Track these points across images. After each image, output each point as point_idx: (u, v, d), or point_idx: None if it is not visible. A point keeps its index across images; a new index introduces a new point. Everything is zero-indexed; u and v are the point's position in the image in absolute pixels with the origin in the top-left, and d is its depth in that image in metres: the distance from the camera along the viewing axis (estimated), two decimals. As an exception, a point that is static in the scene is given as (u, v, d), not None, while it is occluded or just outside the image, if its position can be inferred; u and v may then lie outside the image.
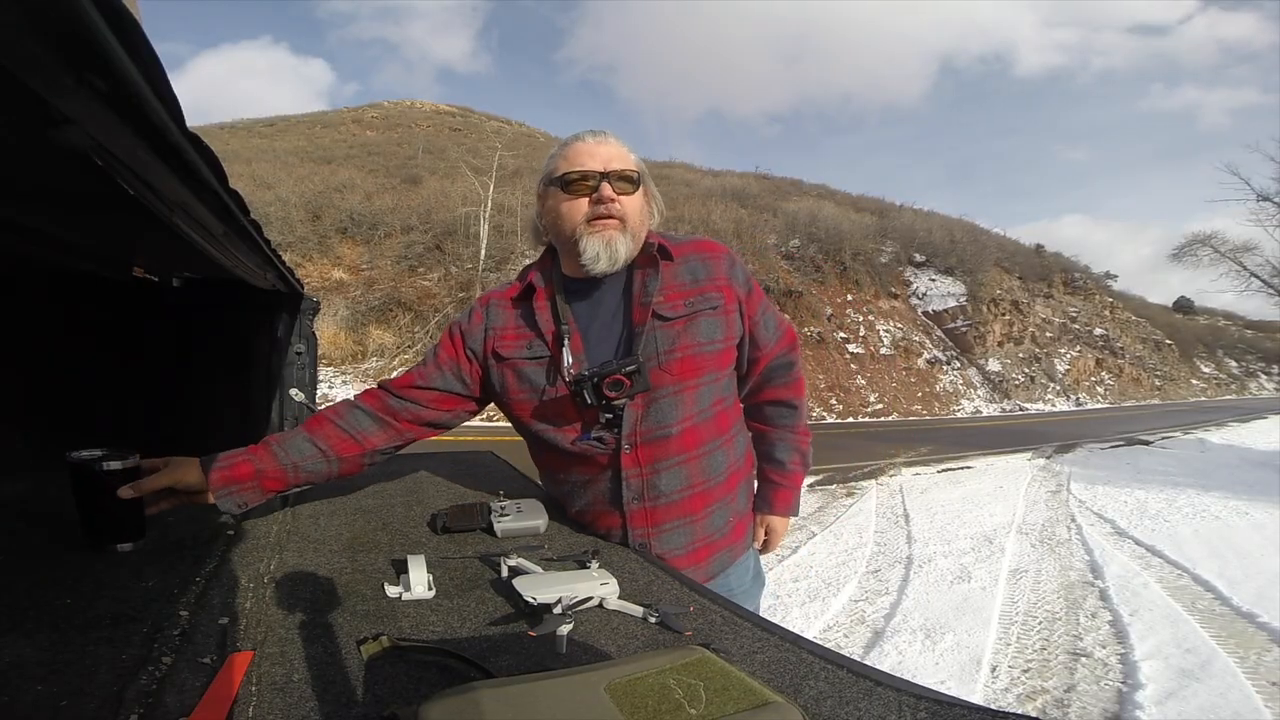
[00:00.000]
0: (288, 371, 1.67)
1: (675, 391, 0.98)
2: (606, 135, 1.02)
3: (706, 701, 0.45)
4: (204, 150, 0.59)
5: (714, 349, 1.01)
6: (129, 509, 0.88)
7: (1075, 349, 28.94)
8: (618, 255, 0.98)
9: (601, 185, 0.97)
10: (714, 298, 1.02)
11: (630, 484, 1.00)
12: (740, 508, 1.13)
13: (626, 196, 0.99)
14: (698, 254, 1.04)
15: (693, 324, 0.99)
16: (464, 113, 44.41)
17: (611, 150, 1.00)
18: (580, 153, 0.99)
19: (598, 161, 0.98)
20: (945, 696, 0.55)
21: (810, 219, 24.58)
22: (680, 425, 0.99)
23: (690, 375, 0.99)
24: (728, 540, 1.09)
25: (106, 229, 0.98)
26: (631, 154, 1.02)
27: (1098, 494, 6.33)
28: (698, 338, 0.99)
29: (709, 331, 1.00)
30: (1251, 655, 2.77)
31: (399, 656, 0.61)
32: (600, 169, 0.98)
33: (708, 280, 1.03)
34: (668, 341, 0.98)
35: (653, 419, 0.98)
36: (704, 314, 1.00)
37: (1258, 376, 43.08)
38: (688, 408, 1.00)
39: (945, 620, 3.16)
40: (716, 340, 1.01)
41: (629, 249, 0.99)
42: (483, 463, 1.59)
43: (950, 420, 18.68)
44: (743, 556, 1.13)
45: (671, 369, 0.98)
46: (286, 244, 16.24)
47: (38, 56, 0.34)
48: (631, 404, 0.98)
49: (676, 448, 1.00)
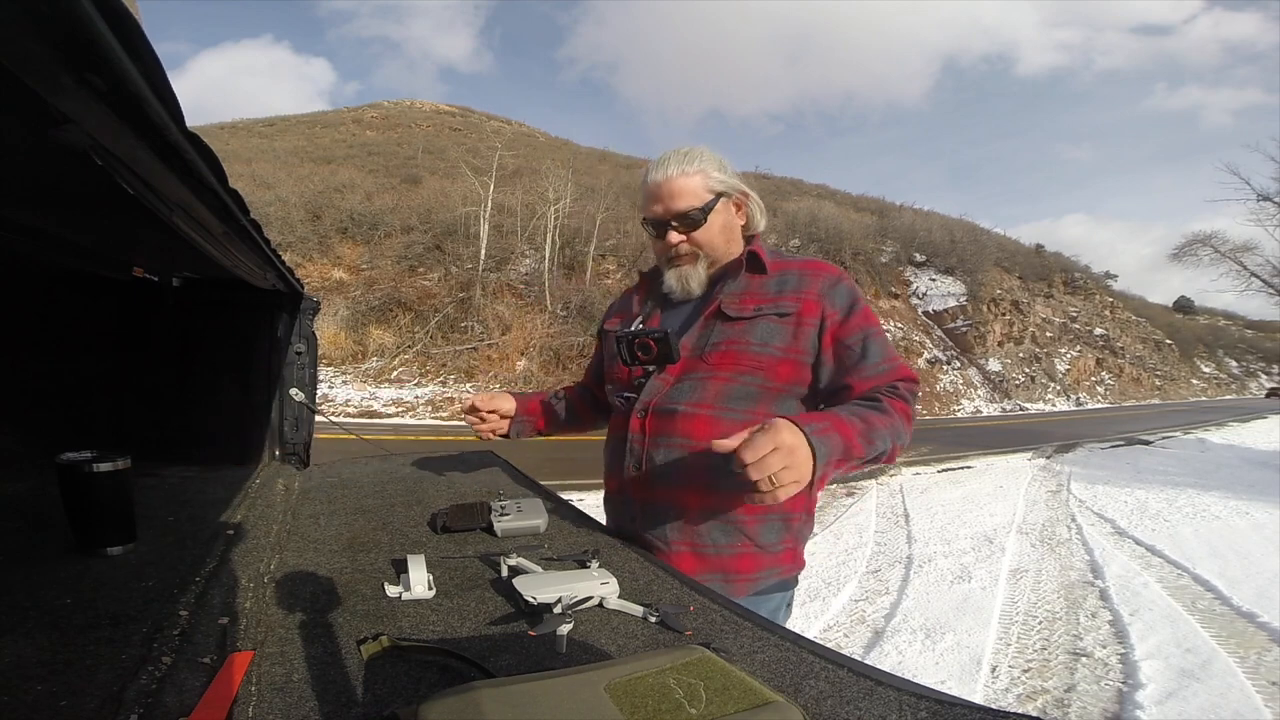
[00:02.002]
0: (288, 371, 1.67)
1: (704, 378, 1.02)
2: (671, 168, 1.06)
3: (706, 701, 0.45)
4: (204, 150, 0.59)
5: (765, 351, 1.00)
6: (119, 512, 0.87)
7: (1075, 349, 28.94)
8: (690, 286, 1.09)
9: (668, 233, 1.08)
10: (786, 306, 1.02)
11: (633, 449, 1.06)
12: (757, 540, 1.01)
13: (696, 232, 1.07)
14: (799, 270, 1.06)
15: (752, 325, 1.02)
16: (464, 113, 44.42)
17: (675, 187, 1.06)
18: (649, 195, 1.09)
19: (661, 205, 1.07)
20: (946, 696, 0.55)
21: (810, 219, 24.58)
22: (692, 407, 1.01)
23: (725, 367, 1.01)
24: (725, 566, 1.00)
25: (106, 229, 0.98)
26: (698, 178, 1.06)
27: (1098, 494, 6.33)
28: (749, 337, 1.01)
29: (764, 334, 1.01)
30: (1252, 655, 2.77)
31: (399, 656, 0.61)
32: (663, 213, 1.07)
33: (792, 292, 1.03)
34: (721, 335, 1.03)
35: (671, 394, 1.04)
36: (767, 318, 1.02)
37: (1258, 376, 43.07)
38: (709, 395, 1.01)
39: (945, 620, 3.15)
40: (771, 345, 1.01)
41: (704, 274, 1.09)
42: (483, 463, 1.59)
43: (950, 420, 18.68)
44: (742, 597, 0.98)
45: (710, 358, 1.02)
46: (286, 244, 16.24)
47: (38, 56, 0.34)
48: (660, 376, 1.06)
49: (682, 429, 1.01)
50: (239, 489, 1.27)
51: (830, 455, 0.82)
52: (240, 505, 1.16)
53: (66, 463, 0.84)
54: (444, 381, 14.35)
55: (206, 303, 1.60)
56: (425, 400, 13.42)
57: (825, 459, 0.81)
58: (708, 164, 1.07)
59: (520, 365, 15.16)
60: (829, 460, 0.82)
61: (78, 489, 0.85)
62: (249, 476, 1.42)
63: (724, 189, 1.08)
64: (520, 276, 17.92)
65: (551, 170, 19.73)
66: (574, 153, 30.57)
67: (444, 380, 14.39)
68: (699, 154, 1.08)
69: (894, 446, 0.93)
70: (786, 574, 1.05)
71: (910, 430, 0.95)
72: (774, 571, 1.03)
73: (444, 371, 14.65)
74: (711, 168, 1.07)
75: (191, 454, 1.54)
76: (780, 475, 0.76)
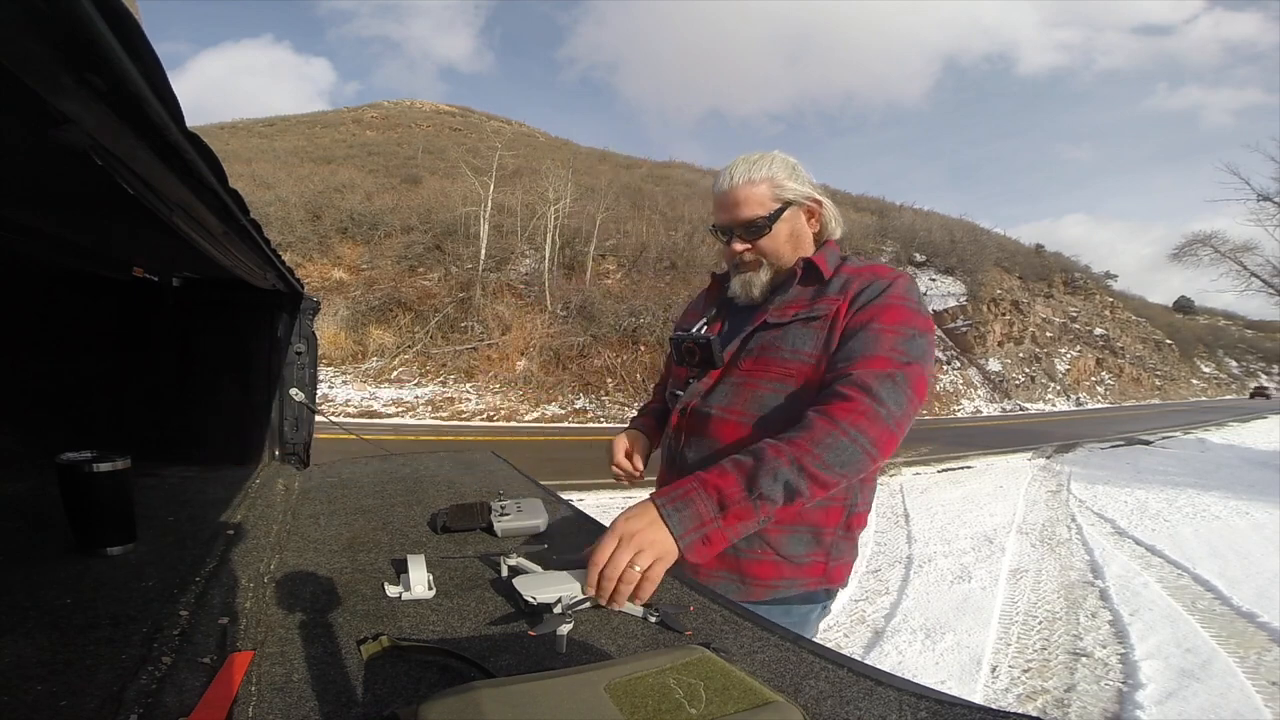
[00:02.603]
0: (288, 371, 1.67)
1: (738, 383, 1.04)
2: (737, 176, 1.06)
3: (706, 701, 0.45)
4: (204, 150, 0.59)
5: (794, 358, 0.99)
6: (119, 511, 0.87)
7: (1075, 349, 28.95)
8: (753, 292, 1.09)
9: (732, 242, 1.09)
10: (819, 310, 1.00)
11: (670, 445, 1.12)
12: (779, 549, 0.99)
13: (761, 240, 1.07)
14: (852, 274, 1.02)
15: (786, 332, 1.01)
16: (464, 112, 44.43)
17: (740, 195, 1.06)
18: (716, 202, 1.11)
19: (727, 213, 1.08)
20: (946, 696, 0.55)
21: (810, 219, 24.50)
22: (723, 411, 1.03)
23: (757, 373, 1.02)
24: (742, 568, 1.00)
25: (106, 229, 0.98)
26: (764, 186, 1.05)
27: (1098, 494, 6.33)
28: (780, 343, 1.01)
29: (795, 340, 1.00)
30: (1251, 655, 2.77)
31: (399, 656, 0.61)
32: (728, 222, 1.08)
33: (833, 296, 1.00)
34: (757, 342, 1.04)
35: (708, 397, 1.07)
36: (800, 324, 1.01)
37: (1258, 376, 43.07)
38: (740, 401, 1.02)
39: (945, 620, 3.15)
40: (801, 351, 0.99)
41: (767, 281, 1.09)
42: (483, 462, 1.59)
43: (950, 420, 18.68)
44: (760, 601, 0.99)
45: (746, 363, 1.04)
46: (286, 244, 16.24)
47: (38, 56, 0.34)
48: (704, 379, 1.08)
49: (713, 430, 1.04)
50: (239, 489, 1.27)
51: (692, 520, 0.77)
52: (240, 505, 1.16)
53: (66, 463, 0.84)
54: (444, 381, 14.35)
55: (206, 303, 1.60)
56: (425, 400, 13.42)
57: (686, 525, 0.77)
58: (777, 170, 1.06)
59: (520, 365, 15.16)
60: (694, 524, 0.77)
61: (78, 489, 0.85)
62: (249, 476, 1.42)
63: (793, 197, 1.06)
64: (520, 276, 17.92)
65: (551, 170, 19.72)
66: (574, 153, 30.57)
67: (444, 380, 14.39)
68: (768, 161, 1.07)
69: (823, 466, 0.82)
70: (813, 587, 1.02)
71: (878, 426, 0.85)
72: (797, 583, 1.01)
73: (444, 371, 14.65)
74: (782, 174, 1.06)
75: (191, 454, 1.54)
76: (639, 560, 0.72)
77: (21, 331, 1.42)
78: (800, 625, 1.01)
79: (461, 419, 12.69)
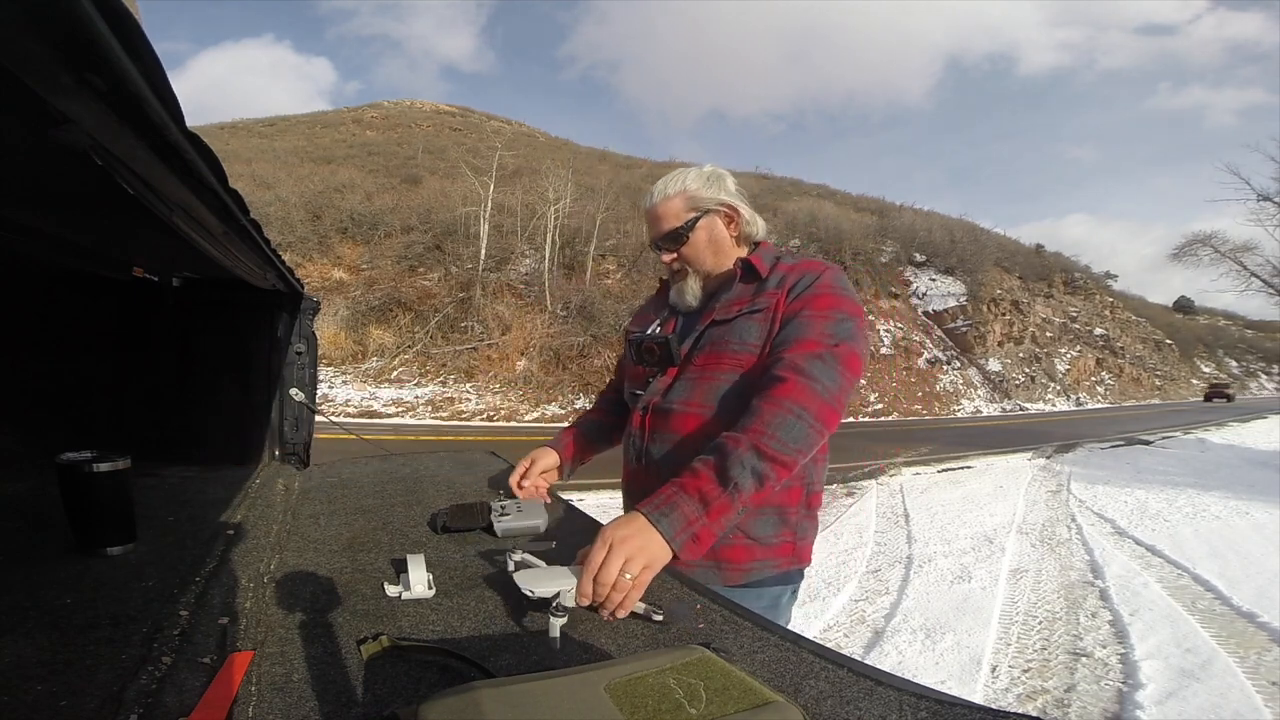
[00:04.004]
0: (288, 371, 1.68)
1: (695, 378, 1.10)
2: (656, 194, 1.16)
3: (706, 701, 0.45)
4: (204, 150, 0.59)
5: (742, 349, 1.06)
6: (119, 511, 0.87)
7: (1075, 349, 28.95)
8: (688, 299, 1.18)
9: (661, 254, 1.18)
10: (761, 303, 1.07)
11: (635, 443, 1.16)
12: (750, 533, 1.05)
13: (683, 249, 1.15)
14: (787, 270, 1.10)
15: (733, 326, 1.08)
16: (464, 112, 44.44)
17: (660, 210, 1.15)
18: (645, 220, 1.20)
19: (653, 228, 1.17)
20: (946, 696, 0.55)
21: (810, 219, 24.56)
22: (683, 405, 1.09)
23: (711, 366, 1.08)
24: (717, 554, 1.05)
25: (106, 229, 0.98)
26: (678, 200, 1.14)
27: (1098, 494, 6.33)
28: (729, 336, 1.08)
29: (742, 333, 1.07)
30: (1251, 655, 2.77)
31: (399, 656, 0.61)
32: (655, 236, 1.17)
33: (771, 290, 1.08)
34: (711, 338, 1.10)
35: (668, 393, 1.12)
36: (745, 318, 1.08)
37: (1258, 376, 43.08)
38: (699, 394, 1.08)
39: (945, 620, 3.15)
40: (748, 342, 1.06)
41: (698, 287, 1.17)
42: (483, 463, 1.59)
43: (950, 420, 18.68)
44: (736, 585, 1.04)
45: (700, 359, 1.10)
46: (286, 244, 16.24)
47: (38, 56, 0.34)
48: (663, 377, 1.13)
49: (675, 424, 1.09)
50: (239, 489, 1.27)
51: (680, 521, 0.81)
52: (240, 505, 1.16)
53: (66, 463, 0.84)
54: (444, 381, 14.35)
55: (206, 303, 1.60)
56: (425, 400, 13.42)
57: (675, 526, 0.80)
58: (690, 183, 1.14)
59: (520, 365, 15.16)
60: (683, 525, 0.81)
61: (78, 489, 0.85)
62: (249, 476, 1.42)
63: (707, 205, 1.13)
64: (520, 276, 17.92)
65: (551, 170, 19.72)
66: (574, 153, 30.57)
67: (444, 380, 14.39)
68: (684, 175, 1.16)
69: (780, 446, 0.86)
70: (785, 567, 1.08)
71: (816, 401, 0.90)
72: (769, 564, 1.07)
73: (444, 371, 14.66)
74: (695, 186, 1.14)
75: (191, 454, 1.54)
76: (629, 568, 0.73)
77: (21, 331, 1.42)
78: (773, 608, 1.07)
79: (461, 419, 12.70)
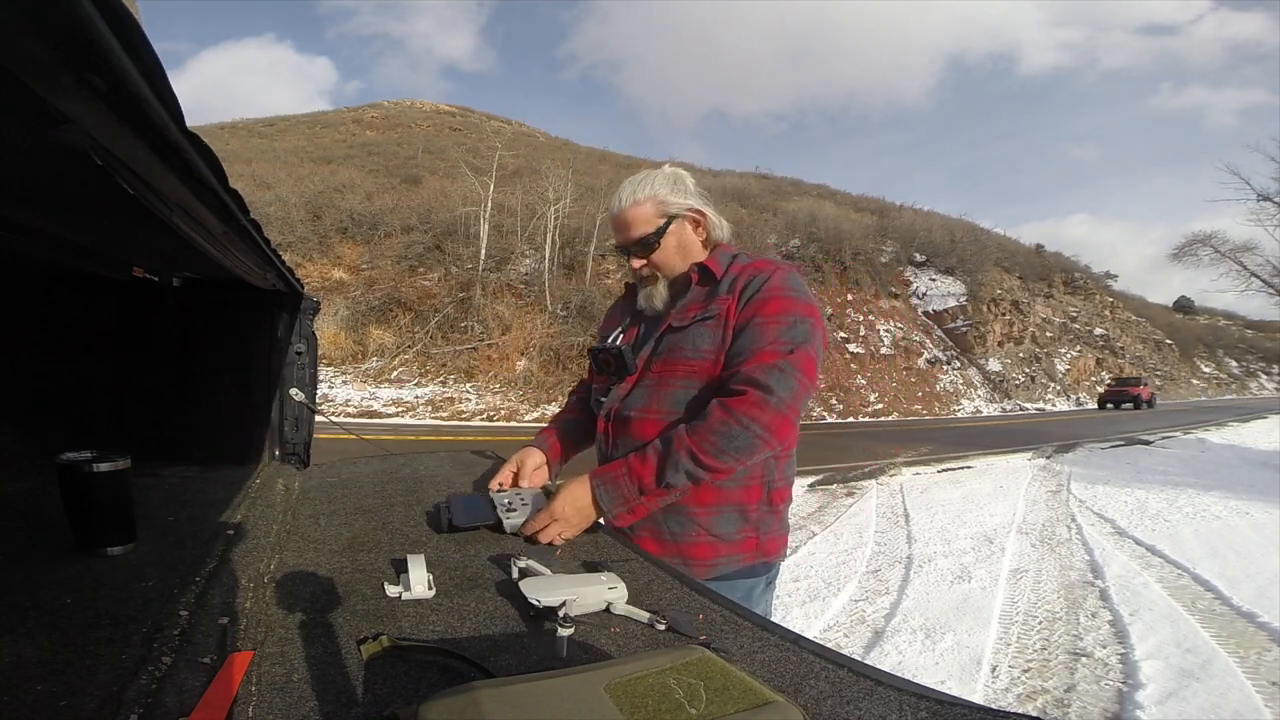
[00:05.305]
0: (288, 371, 1.68)
1: (652, 385, 1.12)
2: (624, 199, 1.16)
3: (706, 701, 0.45)
4: (204, 150, 0.59)
5: (696, 356, 1.08)
6: (119, 511, 0.87)
7: (1075, 349, 28.94)
8: (655, 303, 1.18)
9: (630, 260, 1.18)
10: (714, 309, 1.09)
11: (601, 449, 1.20)
12: (711, 530, 1.08)
13: (653, 255, 1.15)
14: (739, 271, 1.12)
15: (687, 333, 1.10)
16: (464, 112, 44.42)
17: (629, 216, 1.15)
18: (612, 226, 1.21)
19: (622, 234, 1.17)
20: (946, 696, 0.55)
21: (810, 219, 24.54)
22: (641, 413, 1.12)
23: (667, 374, 1.11)
24: (682, 551, 1.08)
25: (106, 229, 0.98)
26: (648, 205, 1.13)
27: (1098, 494, 6.33)
28: (684, 343, 1.10)
29: (696, 339, 1.09)
30: (1252, 655, 2.77)
31: (399, 656, 0.61)
32: (624, 242, 1.17)
33: (723, 295, 1.09)
34: (668, 345, 1.13)
35: (627, 400, 1.15)
36: (700, 324, 1.10)
37: (1258, 376, 43.09)
38: (656, 400, 1.11)
39: (945, 620, 3.15)
40: (702, 349, 1.08)
41: (666, 291, 1.18)
42: (483, 462, 1.59)
43: (950, 420, 18.68)
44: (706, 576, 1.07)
45: (657, 366, 1.13)
46: (286, 244, 16.23)
47: (38, 56, 0.34)
48: (622, 385, 1.16)
49: (634, 431, 1.12)
50: (239, 489, 1.27)
51: (619, 499, 1.02)
52: (240, 505, 1.16)
53: (66, 463, 0.84)
54: (444, 381, 14.35)
55: (206, 303, 1.60)
56: (425, 400, 13.42)
57: (613, 502, 1.02)
58: (659, 188, 1.14)
59: (520, 365, 15.16)
60: (619, 501, 1.02)
61: (78, 489, 0.85)
62: (249, 476, 1.42)
63: (676, 211, 1.14)
64: (520, 276, 17.92)
65: (551, 170, 19.71)
66: (574, 153, 30.56)
67: (444, 380, 14.38)
68: (651, 180, 1.15)
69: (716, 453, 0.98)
70: (750, 561, 1.11)
71: (769, 413, 0.97)
72: (734, 559, 1.10)
73: (444, 371, 14.65)
74: (664, 191, 1.14)
75: (191, 454, 1.54)
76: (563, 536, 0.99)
77: (21, 331, 1.42)
78: (745, 601, 1.08)
79: (461, 419, 12.69)
